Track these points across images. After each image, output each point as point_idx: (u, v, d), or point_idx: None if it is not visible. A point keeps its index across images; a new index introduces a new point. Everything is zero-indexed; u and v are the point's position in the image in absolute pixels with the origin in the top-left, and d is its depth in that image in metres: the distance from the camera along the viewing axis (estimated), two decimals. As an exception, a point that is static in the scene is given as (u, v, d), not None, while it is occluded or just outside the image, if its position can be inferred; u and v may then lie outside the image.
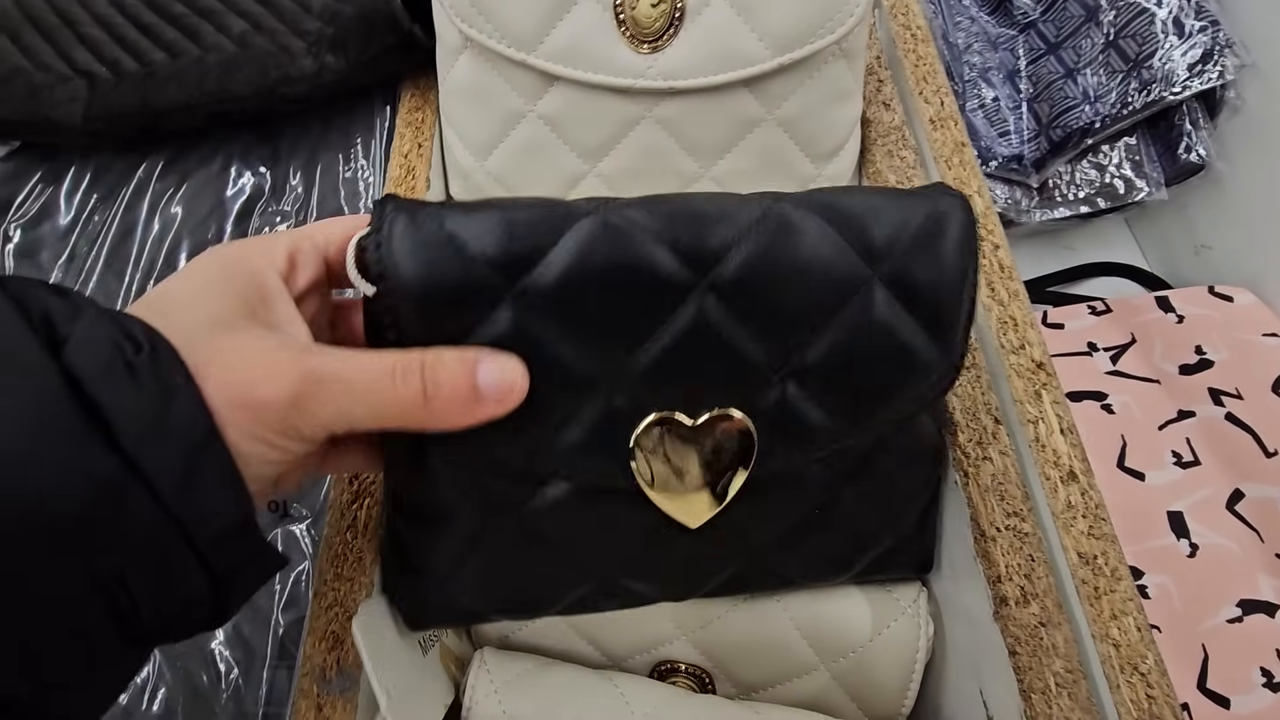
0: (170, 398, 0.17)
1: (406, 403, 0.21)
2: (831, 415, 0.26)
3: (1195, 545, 0.48)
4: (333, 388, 0.20)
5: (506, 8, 0.37)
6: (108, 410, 0.17)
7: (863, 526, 0.30)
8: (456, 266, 0.22)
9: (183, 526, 0.17)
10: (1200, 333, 0.56)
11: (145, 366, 0.17)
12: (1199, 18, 0.57)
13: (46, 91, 0.44)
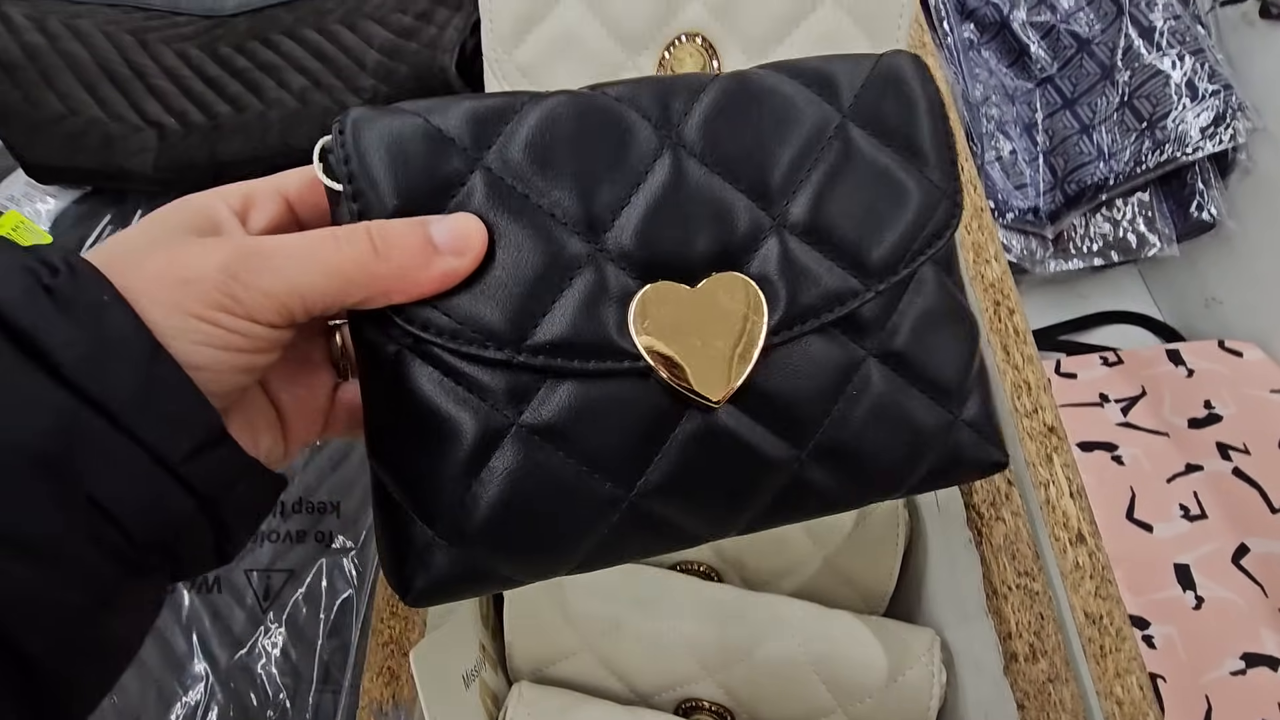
0: (99, 317, 0.17)
1: (357, 261, 0.20)
2: (844, 267, 0.24)
3: (1201, 598, 0.49)
4: (268, 254, 0.19)
5: (554, 79, 0.40)
6: (41, 339, 0.16)
7: (910, 412, 0.25)
8: (422, 145, 0.21)
9: (147, 447, 0.17)
10: (1209, 387, 0.57)
11: (66, 289, 0.16)
12: (1212, 81, 0.59)
13: (120, 142, 0.48)
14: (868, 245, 0.24)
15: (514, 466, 0.22)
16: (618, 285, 0.22)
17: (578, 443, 0.22)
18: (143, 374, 0.17)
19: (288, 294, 0.19)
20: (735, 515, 0.25)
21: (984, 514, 0.36)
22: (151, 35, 0.54)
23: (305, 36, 0.52)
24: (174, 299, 0.18)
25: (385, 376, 0.22)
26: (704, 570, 0.42)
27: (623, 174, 0.23)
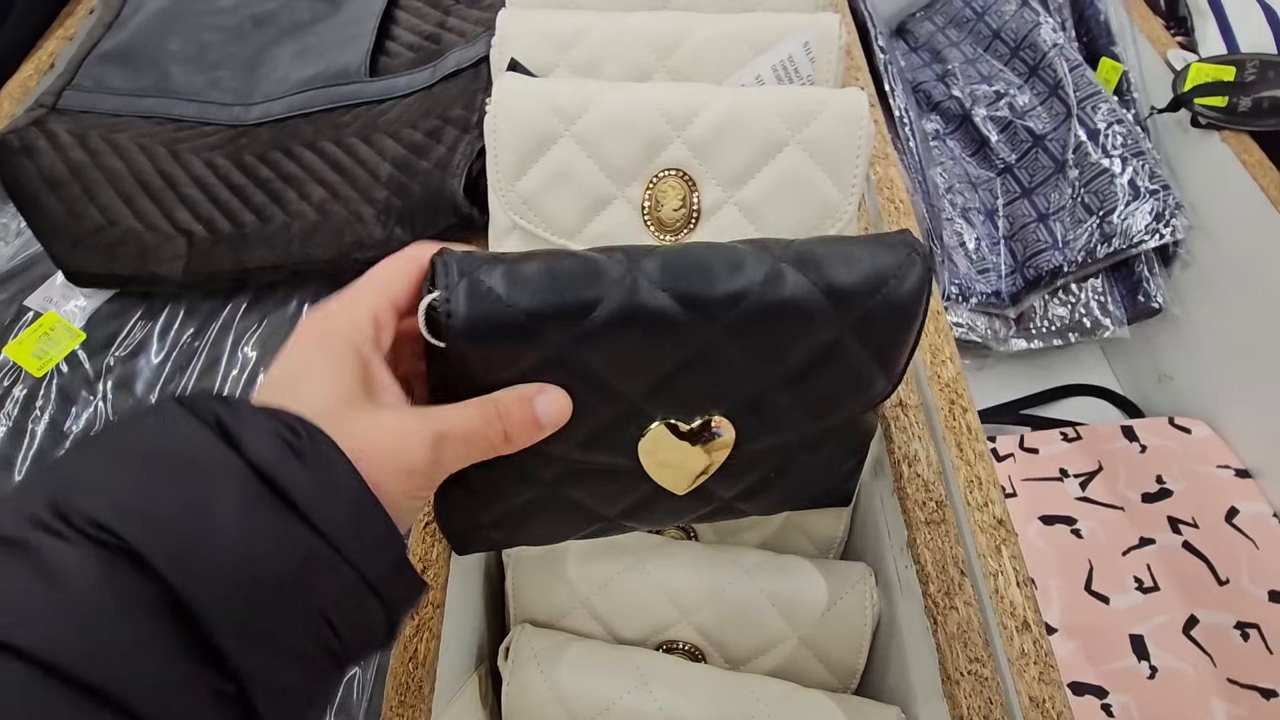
0: (331, 473, 0.22)
1: (496, 441, 0.27)
2: (797, 419, 0.33)
3: (1155, 668, 0.53)
4: (453, 444, 0.26)
5: (552, 206, 0.45)
6: (288, 489, 0.20)
7: (806, 481, 0.38)
8: (510, 325, 0.27)
9: (359, 570, 0.21)
10: (1161, 463, 0.62)
11: (308, 451, 0.21)
12: (1152, 181, 0.65)
13: (154, 250, 0.52)
14: (823, 411, 0.34)
15: (540, 499, 0.35)
16: (636, 417, 0.32)
17: (587, 492, 0.35)
18: (357, 512, 0.22)
19: (458, 466, 0.26)
20: (679, 520, 0.39)
21: (939, 603, 0.40)
22: (182, 146, 0.59)
23: (324, 149, 0.57)
24: (399, 485, 0.24)
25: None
26: (689, 650, 0.46)
27: (661, 352, 0.29)
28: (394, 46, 0.64)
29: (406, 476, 0.24)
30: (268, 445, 0.21)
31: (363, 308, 0.26)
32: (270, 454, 0.21)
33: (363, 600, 0.22)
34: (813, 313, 0.29)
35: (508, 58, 0.48)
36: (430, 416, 0.26)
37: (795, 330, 0.30)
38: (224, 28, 0.67)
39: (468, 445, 0.26)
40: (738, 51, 0.47)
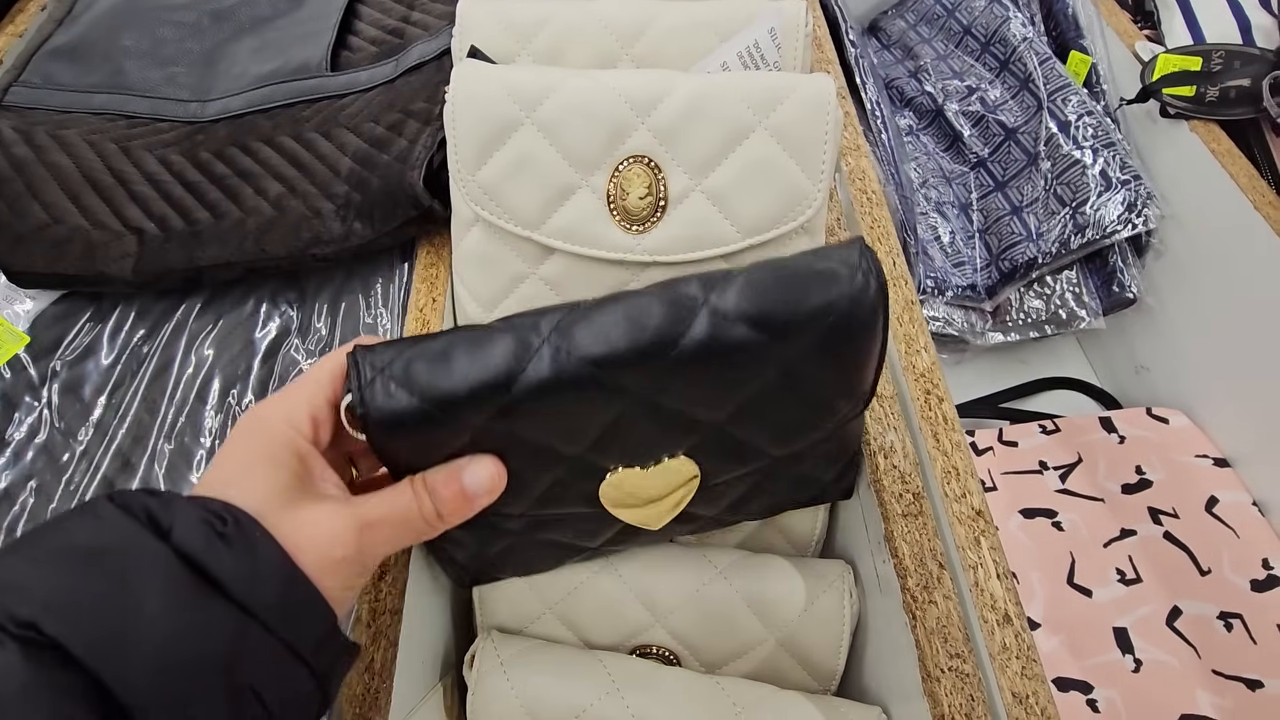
0: (255, 553, 0.23)
1: (429, 519, 0.29)
2: (763, 445, 0.33)
3: (1139, 661, 0.52)
4: (381, 529, 0.27)
5: (514, 197, 0.43)
6: (216, 573, 0.22)
7: (796, 487, 0.38)
8: (423, 416, 0.27)
9: (286, 642, 0.23)
10: (1140, 453, 0.61)
11: (234, 535, 0.23)
12: (1123, 172, 0.64)
13: (102, 249, 0.50)
14: (790, 435, 0.34)
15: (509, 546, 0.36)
16: (592, 470, 0.32)
17: (562, 534, 0.36)
18: (285, 590, 0.23)
19: (390, 550, 0.28)
20: (669, 537, 0.39)
21: (918, 597, 0.38)
22: (135, 142, 0.57)
23: (283, 144, 0.55)
24: (331, 576, 0.25)
25: None
26: (663, 654, 0.44)
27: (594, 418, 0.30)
28: (356, 41, 0.63)
29: (336, 566, 0.25)
30: (195, 532, 0.22)
31: (301, 408, 0.28)
32: (198, 540, 0.22)
33: (291, 671, 0.23)
34: (752, 351, 0.28)
35: (468, 47, 0.46)
36: (357, 505, 0.27)
37: (738, 369, 0.29)
38: (181, 23, 0.65)
39: (396, 529, 0.28)
40: (703, 38, 0.46)
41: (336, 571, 0.25)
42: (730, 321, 0.28)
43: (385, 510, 0.28)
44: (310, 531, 0.25)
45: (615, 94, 0.41)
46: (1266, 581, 0.53)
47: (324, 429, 0.29)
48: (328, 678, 0.25)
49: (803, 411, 0.32)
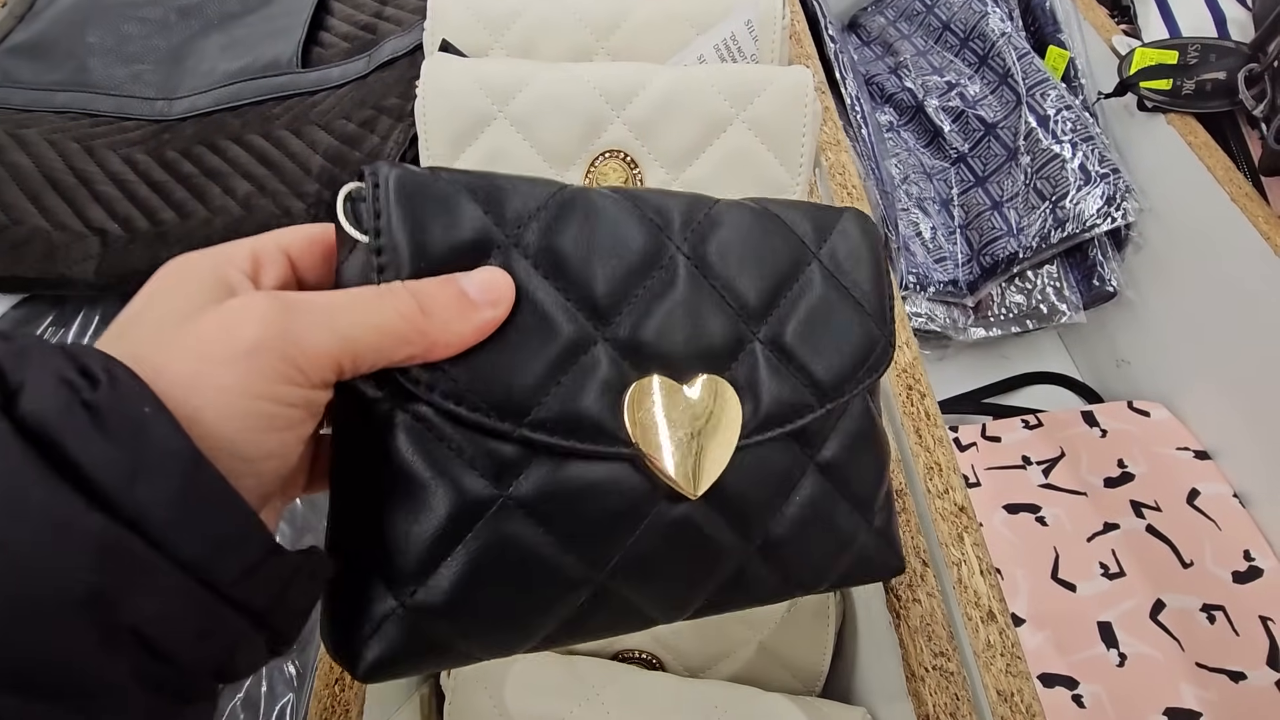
0: (141, 434, 0.15)
1: (407, 316, 0.20)
2: (799, 380, 0.27)
3: (1124, 655, 0.52)
4: (316, 310, 0.18)
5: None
6: (78, 459, 0.14)
7: (839, 518, 0.29)
8: (455, 214, 0.22)
9: (193, 571, 0.15)
10: (1122, 447, 0.61)
11: (107, 403, 0.15)
12: (1102, 165, 0.65)
13: (63, 250, 0.48)
14: (823, 368, 0.27)
15: (494, 539, 0.22)
16: (617, 374, 0.23)
17: (558, 520, 0.23)
18: (186, 492, 0.15)
19: (343, 352, 0.18)
20: (689, 601, 0.26)
21: (901, 595, 0.38)
22: (98, 141, 0.55)
23: (251, 142, 0.54)
24: (235, 380, 0.16)
25: (369, 434, 0.22)
26: (644, 657, 0.43)
27: (631, 271, 0.24)
28: (328, 37, 0.62)
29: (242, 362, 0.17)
30: (49, 396, 0.15)
31: (241, 243, 0.21)
32: (51, 407, 0.14)
33: (204, 609, 0.16)
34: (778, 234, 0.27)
35: (439, 40, 0.45)
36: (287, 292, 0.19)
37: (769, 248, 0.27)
38: (146, 20, 0.64)
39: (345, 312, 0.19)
40: (679, 31, 0.45)
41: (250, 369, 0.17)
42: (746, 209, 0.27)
43: (327, 293, 0.19)
44: (198, 328, 0.17)
45: (590, 87, 0.41)
46: (1248, 573, 0.53)
47: (268, 270, 0.21)
48: (271, 612, 0.17)
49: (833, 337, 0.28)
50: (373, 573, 0.21)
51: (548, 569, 0.23)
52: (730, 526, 0.25)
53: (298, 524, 0.49)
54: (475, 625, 0.22)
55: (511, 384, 0.22)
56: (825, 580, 0.29)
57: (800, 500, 0.27)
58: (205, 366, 0.16)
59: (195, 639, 0.16)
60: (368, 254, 0.21)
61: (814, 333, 0.27)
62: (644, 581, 0.25)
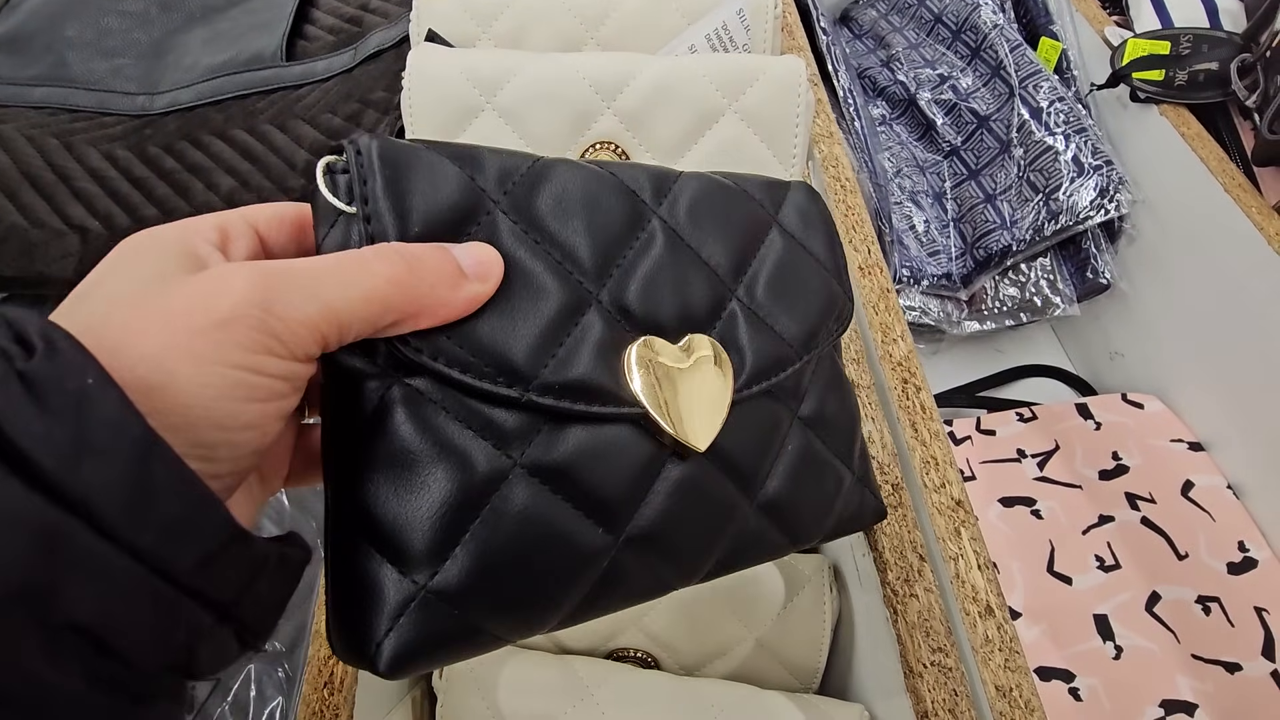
0: (84, 408, 0.14)
1: (395, 280, 0.18)
2: (780, 334, 0.27)
3: (1120, 647, 0.51)
4: (301, 276, 0.17)
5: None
6: (13, 435, 0.13)
7: (828, 467, 0.30)
8: (443, 179, 0.21)
9: (146, 560, 0.14)
10: (1116, 439, 0.61)
11: (43, 373, 0.14)
12: (1095, 157, 0.64)
13: (41, 248, 0.47)
14: (796, 322, 0.28)
15: (513, 509, 0.21)
16: (614, 334, 0.23)
17: (574, 485, 0.22)
18: (135, 471, 0.14)
19: (327, 321, 0.17)
20: (701, 562, 0.26)
21: (898, 591, 0.37)
22: (77, 137, 0.54)
23: (235, 137, 0.53)
24: (208, 350, 0.15)
25: (363, 412, 0.20)
26: (640, 656, 0.43)
27: (619, 232, 0.24)
28: (313, 30, 0.61)
29: (216, 333, 0.15)
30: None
31: (206, 217, 0.20)
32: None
33: (158, 602, 0.14)
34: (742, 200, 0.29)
35: (426, 31, 0.45)
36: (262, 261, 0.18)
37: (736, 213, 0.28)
38: (127, 13, 0.62)
39: (330, 276, 0.17)
40: (670, 20, 0.45)
41: (225, 339, 0.15)
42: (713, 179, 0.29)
43: (310, 259, 0.18)
44: (167, 301, 0.16)
45: (579, 77, 0.40)
46: (1243, 564, 0.53)
47: (236, 244, 0.20)
48: (237, 604, 0.16)
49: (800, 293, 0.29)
50: (384, 561, 0.20)
51: (566, 536, 0.22)
52: (732, 481, 0.26)
53: (285, 524, 0.48)
54: (500, 603, 0.21)
55: (515, 349, 0.21)
56: (822, 530, 0.30)
57: (790, 452, 0.28)
58: (177, 338, 0.15)
59: (150, 634, 0.14)
60: (353, 225, 0.20)
61: (784, 290, 0.28)
62: (658, 543, 0.24)
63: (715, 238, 0.27)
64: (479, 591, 0.21)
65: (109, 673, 0.14)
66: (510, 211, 0.22)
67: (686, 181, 0.27)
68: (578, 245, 0.23)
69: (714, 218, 0.27)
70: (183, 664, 0.15)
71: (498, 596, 0.21)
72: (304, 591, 0.47)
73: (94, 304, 0.17)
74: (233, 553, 0.16)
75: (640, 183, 0.26)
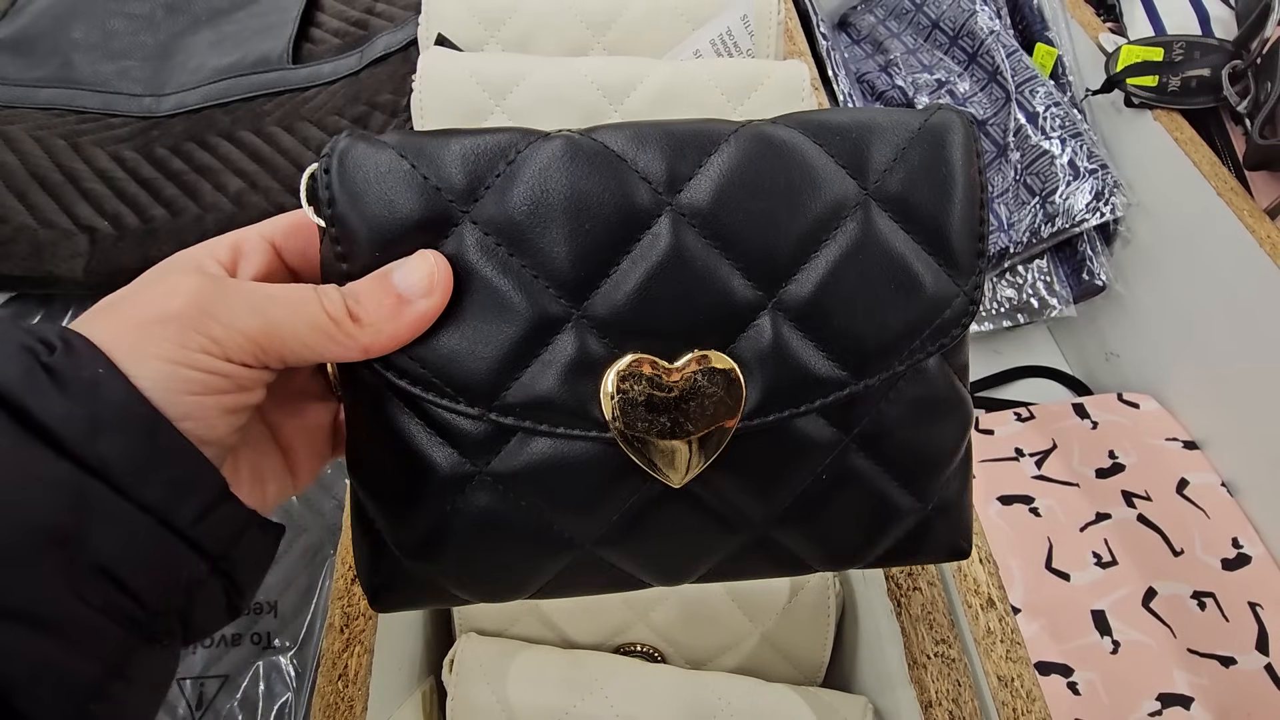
0: (95, 390, 0.17)
1: (334, 318, 0.20)
2: (833, 358, 0.22)
3: (1117, 642, 0.52)
4: (247, 294, 0.19)
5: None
6: (40, 416, 0.16)
7: (882, 498, 0.25)
8: (408, 193, 0.21)
9: (154, 513, 0.17)
10: (1112, 438, 0.62)
11: (62, 365, 0.17)
12: (1090, 161, 0.65)
13: (50, 248, 0.48)
14: (864, 337, 0.22)
15: (477, 509, 0.22)
16: (595, 353, 0.21)
17: (540, 495, 0.22)
18: (143, 441, 0.17)
19: (265, 336, 0.19)
20: (685, 572, 0.25)
21: (902, 584, 0.38)
22: (85, 138, 0.55)
23: (242, 139, 0.54)
24: (146, 344, 0.18)
25: (365, 408, 0.23)
26: (647, 651, 0.43)
27: (612, 239, 0.21)
28: (319, 33, 0.61)
29: (156, 326, 0.18)
30: (11, 360, 0.16)
31: (223, 238, 0.22)
32: (13, 370, 0.16)
33: (164, 548, 0.17)
34: (819, 178, 0.22)
35: (435, 35, 0.45)
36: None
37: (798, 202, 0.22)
38: (133, 15, 0.63)
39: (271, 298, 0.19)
40: (675, 26, 0.46)
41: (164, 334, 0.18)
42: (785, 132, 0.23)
43: (269, 285, 0.20)
44: (133, 306, 0.19)
45: (587, 81, 0.41)
46: (1236, 560, 0.54)
47: (249, 261, 0.22)
48: (226, 559, 0.19)
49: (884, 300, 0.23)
50: (383, 529, 0.24)
51: (526, 539, 0.23)
52: (730, 508, 0.23)
53: (295, 521, 0.48)
54: (471, 578, 0.24)
55: (475, 369, 0.21)
56: (861, 558, 0.26)
57: (826, 479, 0.24)
58: (124, 330, 0.18)
59: (158, 576, 0.17)
60: (326, 241, 0.21)
61: (855, 292, 0.22)
62: (633, 553, 0.24)
63: (757, 227, 0.22)
64: (449, 571, 0.24)
65: (125, 609, 0.17)
66: (481, 221, 0.21)
67: (732, 149, 0.22)
68: (556, 256, 0.21)
69: (761, 198, 0.22)
70: (183, 608, 0.18)
71: (468, 573, 0.24)
72: (312, 590, 0.48)
73: (101, 311, 0.19)
74: (223, 511, 0.19)
75: (654, 166, 0.22)
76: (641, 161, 0.22)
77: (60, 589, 0.16)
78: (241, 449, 0.22)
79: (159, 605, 0.17)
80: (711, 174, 0.22)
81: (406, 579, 0.24)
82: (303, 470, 0.24)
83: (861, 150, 0.23)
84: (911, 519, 0.25)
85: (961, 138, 0.23)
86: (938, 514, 0.26)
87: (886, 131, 0.23)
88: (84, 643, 0.16)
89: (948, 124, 0.23)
